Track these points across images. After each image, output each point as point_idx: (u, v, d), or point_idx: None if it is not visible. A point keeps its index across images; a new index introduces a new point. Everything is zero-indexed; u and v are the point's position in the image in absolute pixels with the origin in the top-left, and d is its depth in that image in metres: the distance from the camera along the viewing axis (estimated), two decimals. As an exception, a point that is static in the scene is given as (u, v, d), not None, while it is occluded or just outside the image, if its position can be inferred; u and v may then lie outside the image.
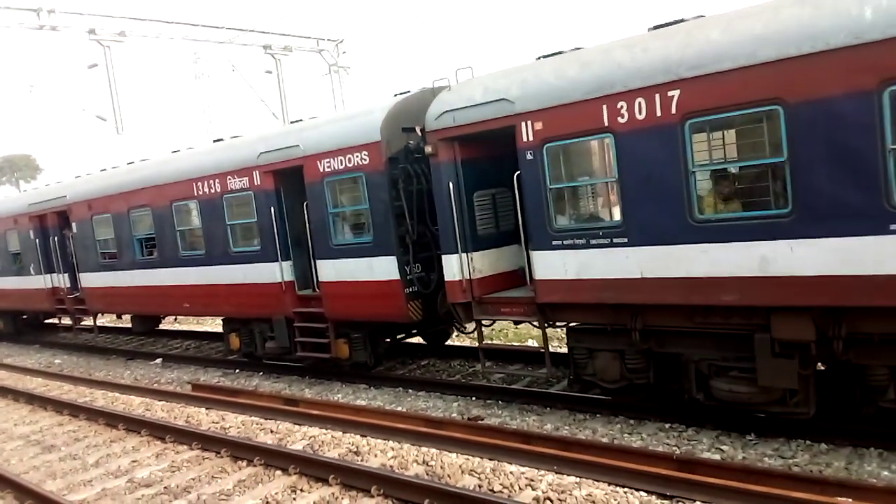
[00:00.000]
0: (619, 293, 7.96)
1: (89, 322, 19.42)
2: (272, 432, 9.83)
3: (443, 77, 10.08)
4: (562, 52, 8.86)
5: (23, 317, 23.31)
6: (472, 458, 7.97)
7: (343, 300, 11.52)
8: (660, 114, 7.26)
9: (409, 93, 11.13)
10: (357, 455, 8.47)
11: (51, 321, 22.80)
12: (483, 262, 9.81)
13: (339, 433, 9.48)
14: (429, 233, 10.72)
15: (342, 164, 11.03)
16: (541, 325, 9.23)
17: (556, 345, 12.71)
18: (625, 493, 6.60)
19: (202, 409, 11.57)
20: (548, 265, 8.55)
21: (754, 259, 6.84)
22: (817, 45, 6.20)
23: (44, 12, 21.62)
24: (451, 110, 9.30)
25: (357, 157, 10.81)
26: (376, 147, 10.55)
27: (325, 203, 11.42)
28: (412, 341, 13.58)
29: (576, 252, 8.24)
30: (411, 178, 10.52)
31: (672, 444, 8.02)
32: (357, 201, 11.19)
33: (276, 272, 12.45)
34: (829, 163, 6.29)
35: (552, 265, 8.49)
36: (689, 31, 7.35)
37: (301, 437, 9.45)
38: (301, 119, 13.23)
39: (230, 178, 12.97)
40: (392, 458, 8.23)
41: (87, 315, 18.73)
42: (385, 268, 10.77)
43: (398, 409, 10.59)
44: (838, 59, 6.11)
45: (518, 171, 8.68)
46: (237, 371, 14.74)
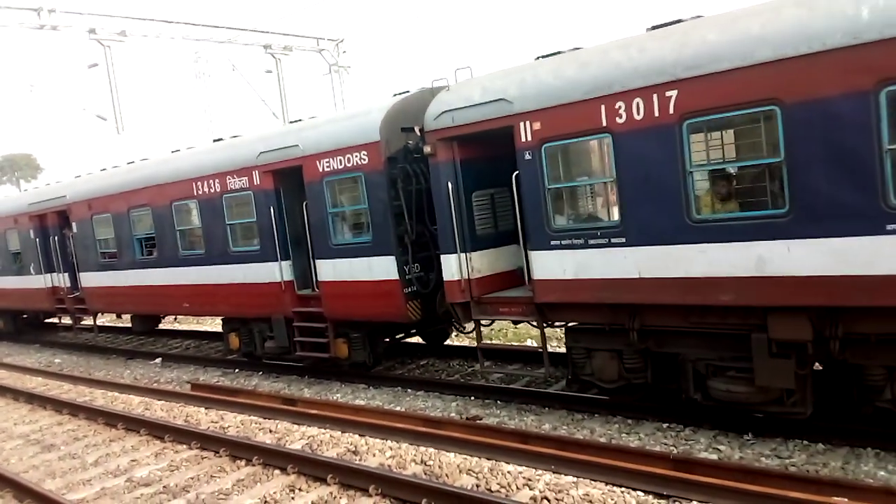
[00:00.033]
0: (617, 293, 7.97)
1: (89, 321, 19.47)
2: (271, 432, 9.85)
3: (442, 77, 10.13)
4: (560, 52, 8.87)
5: (23, 316, 23.34)
6: (469, 457, 7.99)
7: (342, 300, 11.54)
8: (658, 114, 7.27)
9: (408, 93, 11.15)
10: (355, 455, 8.49)
11: (51, 321, 22.84)
12: (482, 262, 9.83)
13: (337, 433, 9.50)
14: (428, 233, 10.74)
15: (341, 164, 11.05)
16: (539, 324, 9.25)
17: (555, 345, 12.72)
18: (622, 492, 6.63)
19: (201, 409, 11.60)
20: (546, 265, 8.56)
21: (751, 259, 6.85)
22: (814, 46, 6.22)
23: (44, 12, 21.66)
24: (449, 110, 9.32)
25: (356, 156, 10.83)
26: (375, 147, 10.56)
27: (324, 203, 11.44)
28: (411, 341, 13.59)
29: (574, 252, 8.25)
30: (410, 177, 10.53)
31: (670, 443, 8.04)
32: (356, 201, 11.21)
33: (275, 272, 12.47)
34: (826, 163, 6.31)
35: (550, 265, 8.50)
36: (687, 32, 7.36)
37: (300, 437, 9.47)
38: (300, 119, 13.25)
39: (230, 178, 12.99)
40: (390, 457, 8.25)
41: (87, 314, 18.76)
42: (384, 267, 10.79)
43: (397, 408, 10.61)
44: (835, 60, 6.13)
45: (516, 171, 8.70)
46: (236, 371, 14.77)
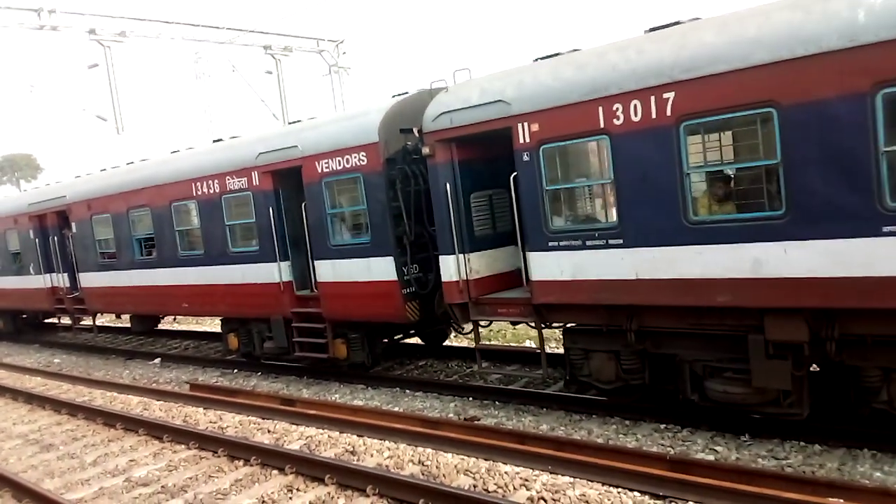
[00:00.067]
0: (615, 294, 7.99)
1: (88, 322, 19.49)
2: (269, 432, 9.87)
3: (440, 78, 10.17)
4: (558, 54, 8.89)
5: (22, 316, 23.35)
6: (467, 458, 8.01)
7: (341, 300, 11.56)
8: (655, 116, 7.29)
9: (406, 94, 11.17)
10: (353, 455, 8.51)
11: (50, 321, 22.85)
12: (480, 263, 9.85)
13: (335, 433, 9.52)
14: (426, 233, 10.75)
15: (340, 165, 11.07)
16: (537, 325, 9.27)
17: (554, 346, 12.74)
18: (618, 493, 6.65)
19: (200, 409, 11.62)
20: (544, 266, 8.58)
21: (748, 260, 6.87)
22: (810, 48, 6.24)
23: (44, 12, 21.70)
24: (448, 111, 9.34)
25: (355, 157, 10.85)
26: (374, 148, 10.58)
27: (323, 203, 11.46)
28: (410, 342, 13.60)
29: (571, 253, 8.27)
30: (409, 178, 10.55)
31: (667, 444, 8.05)
32: (355, 202, 11.22)
33: (274, 272, 12.49)
34: (823, 165, 6.33)
35: (548, 266, 8.52)
36: (684, 34, 7.39)
37: (298, 437, 9.48)
38: (300, 120, 13.27)
39: (229, 179, 13.01)
40: (388, 457, 8.27)
41: (87, 315, 18.78)
42: (383, 268, 10.80)
43: (395, 409, 10.62)
44: (831, 62, 6.15)
45: (514, 173, 8.72)
46: (235, 371, 14.78)
